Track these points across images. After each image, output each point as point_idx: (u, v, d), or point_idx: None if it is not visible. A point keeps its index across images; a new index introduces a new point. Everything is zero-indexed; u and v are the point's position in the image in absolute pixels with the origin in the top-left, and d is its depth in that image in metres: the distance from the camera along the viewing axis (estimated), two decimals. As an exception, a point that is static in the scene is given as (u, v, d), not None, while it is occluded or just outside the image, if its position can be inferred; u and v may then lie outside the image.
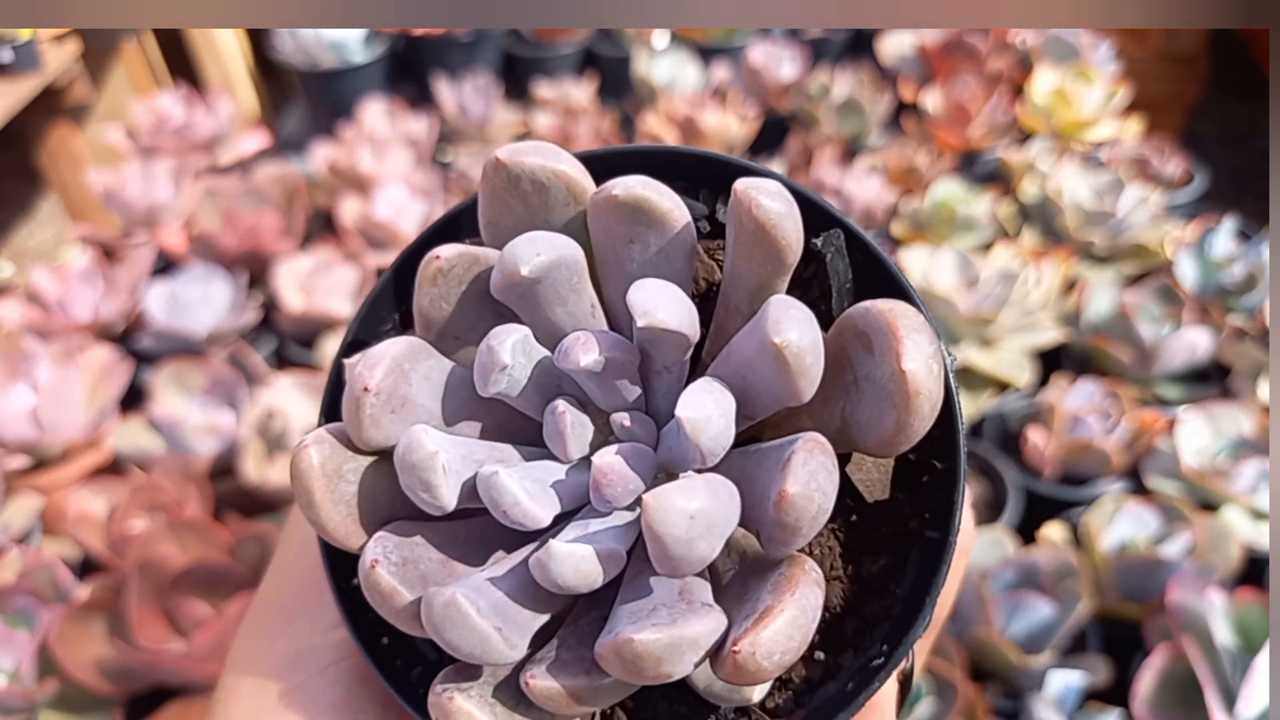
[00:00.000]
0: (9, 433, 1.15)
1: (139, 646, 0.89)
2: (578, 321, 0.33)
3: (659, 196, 0.32)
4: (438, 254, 0.32)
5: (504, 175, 0.33)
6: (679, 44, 1.99)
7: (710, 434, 0.28)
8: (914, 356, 0.28)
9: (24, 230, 2.30)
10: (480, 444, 0.32)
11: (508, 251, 0.31)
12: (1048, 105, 1.77)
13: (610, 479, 0.29)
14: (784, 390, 0.28)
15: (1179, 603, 0.95)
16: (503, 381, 0.31)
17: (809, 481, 0.27)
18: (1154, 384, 1.31)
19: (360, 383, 0.30)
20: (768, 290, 0.31)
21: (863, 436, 0.30)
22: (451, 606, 0.28)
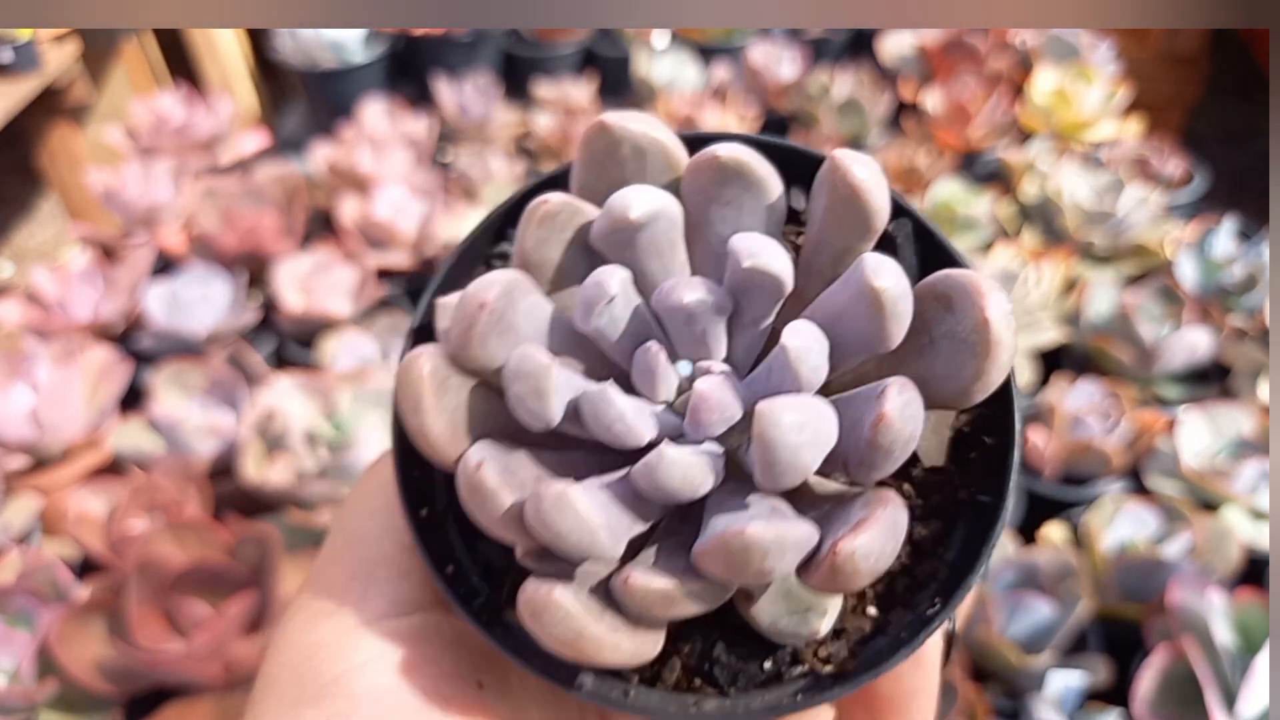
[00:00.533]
0: (9, 433, 1.15)
1: (139, 646, 0.89)
2: (669, 273, 0.35)
3: (759, 162, 0.34)
4: (546, 199, 0.34)
5: (606, 139, 0.35)
6: (679, 44, 1.99)
7: (811, 363, 0.30)
8: (996, 309, 0.30)
9: (24, 230, 2.30)
10: (578, 374, 0.33)
11: (616, 198, 0.33)
12: (1048, 105, 1.77)
13: (710, 403, 0.31)
14: (875, 335, 0.30)
15: (1179, 603, 0.95)
16: (605, 316, 0.32)
17: (904, 408, 0.29)
18: (1154, 384, 1.31)
19: (476, 300, 0.31)
20: (853, 254, 0.33)
21: (939, 389, 0.32)
22: (564, 499, 0.29)
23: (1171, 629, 0.96)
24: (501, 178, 1.64)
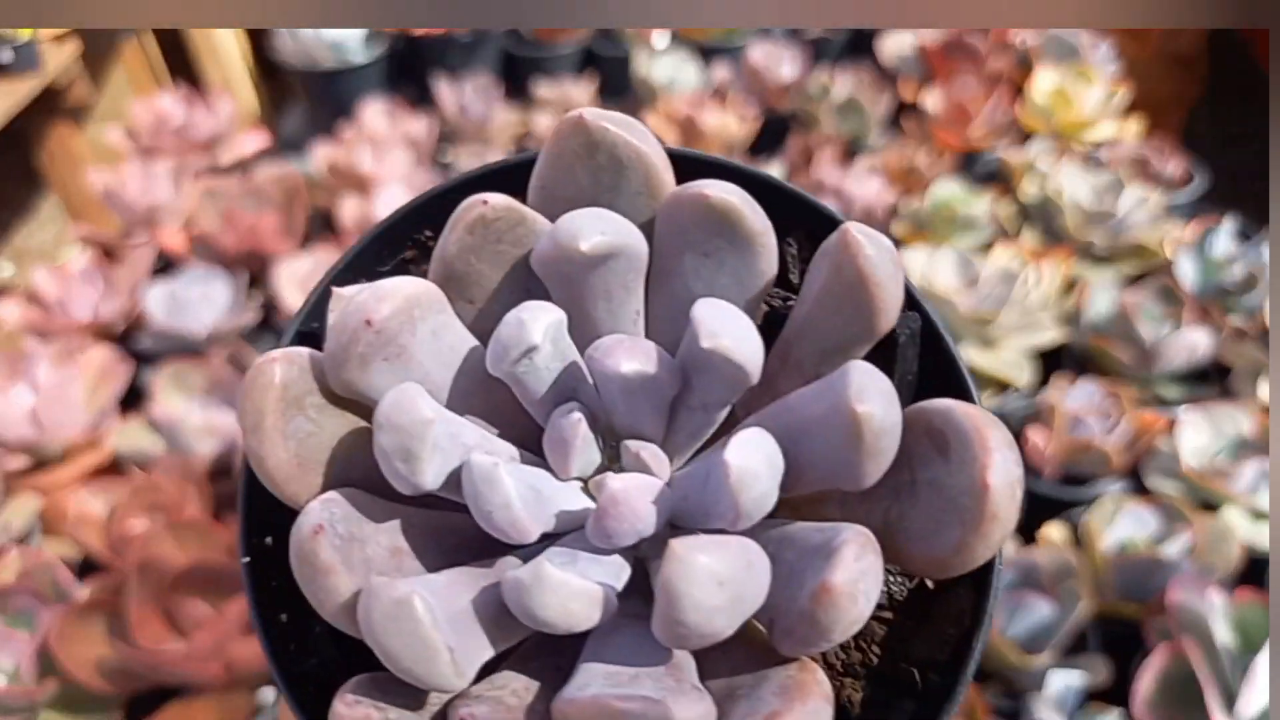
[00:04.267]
0: (9, 433, 1.15)
1: (139, 646, 0.89)
2: (617, 323, 0.29)
3: (754, 214, 0.28)
4: (485, 199, 0.28)
5: (581, 139, 0.29)
6: (679, 44, 1.99)
7: (755, 492, 0.24)
8: (1000, 473, 0.24)
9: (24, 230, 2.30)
10: (471, 427, 0.27)
11: (568, 221, 0.27)
12: (1048, 105, 1.77)
13: (620, 510, 0.25)
14: (845, 468, 0.25)
15: (1179, 603, 0.95)
16: (522, 365, 0.26)
17: (857, 581, 0.23)
18: (1154, 384, 1.31)
19: (362, 314, 0.26)
20: (844, 354, 0.28)
21: (909, 547, 0.26)
22: (403, 607, 0.23)
23: (1171, 629, 0.96)
24: (501, 178, 1.64)
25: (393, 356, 0.26)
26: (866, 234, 0.27)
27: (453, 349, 0.28)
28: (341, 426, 0.28)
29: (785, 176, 1.59)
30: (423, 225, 0.35)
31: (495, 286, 0.30)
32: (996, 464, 0.25)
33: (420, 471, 0.25)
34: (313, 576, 0.25)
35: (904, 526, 0.27)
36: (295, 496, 0.27)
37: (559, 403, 0.28)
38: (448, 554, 0.28)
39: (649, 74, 1.87)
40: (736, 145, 1.74)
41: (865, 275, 0.26)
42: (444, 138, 1.81)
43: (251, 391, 0.26)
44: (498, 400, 0.29)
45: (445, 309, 0.28)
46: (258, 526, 0.31)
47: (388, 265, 0.35)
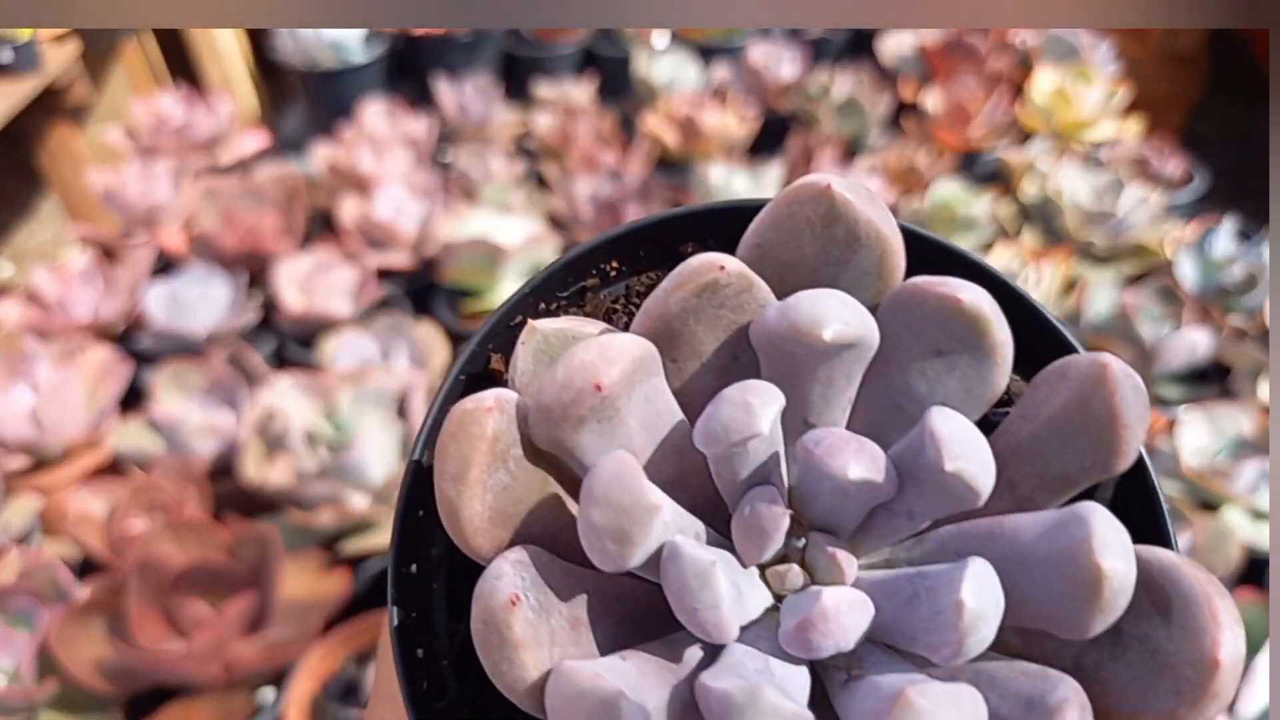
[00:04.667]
0: (9, 433, 1.15)
1: (139, 646, 0.89)
2: (829, 410, 0.27)
3: (1001, 325, 0.27)
4: (722, 264, 0.27)
5: (821, 208, 0.27)
6: (679, 44, 1.99)
7: (981, 635, 0.22)
8: (1231, 651, 0.23)
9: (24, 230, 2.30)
10: (669, 502, 0.25)
11: (808, 304, 0.25)
12: (1048, 105, 1.77)
13: (830, 627, 0.24)
14: (1069, 617, 0.23)
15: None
16: (740, 450, 0.25)
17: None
18: (1154, 384, 1.31)
19: (591, 377, 0.24)
20: (1067, 484, 0.27)
21: (1109, 699, 0.25)
22: (610, 711, 0.21)
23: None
24: (501, 177, 1.64)
25: (605, 419, 0.25)
26: (1126, 372, 0.25)
27: (659, 414, 0.27)
28: (535, 479, 0.27)
29: (785, 177, 1.59)
30: (612, 256, 0.35)
31: (705, 349, 0.28)
32: (1228, 641, 0.23)
33: (631, 556, 0.23)
34: (500, 649, 0.23)
35: (1101, 677, 0.25)
36: (480, 549, 0.26)
37: (753, 484, 0.26)
38: (624, 625, 0.27)
39: (649, 74, 1.87)
40: (736, 145, 1.74)
41: (1117, 415, 0.25)
42: (444, 138, 1.81)
43: (460, 438, 0.25)
44: (686, 469, 0.27)
45: (659, 372, 0.27)
46: (408, 554, 0.30)
47: (568, 291, 0.35)
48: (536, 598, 0.24)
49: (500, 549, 0.25)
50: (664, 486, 0.25)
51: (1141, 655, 0.24)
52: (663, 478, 0.26)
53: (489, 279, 1.43)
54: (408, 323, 1.33)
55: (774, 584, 0.26)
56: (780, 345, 0.26)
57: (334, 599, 1.00)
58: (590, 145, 1.66)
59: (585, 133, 1.71)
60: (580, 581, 0.26)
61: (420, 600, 0.30)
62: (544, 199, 1.63)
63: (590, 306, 0.35)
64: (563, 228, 1.57)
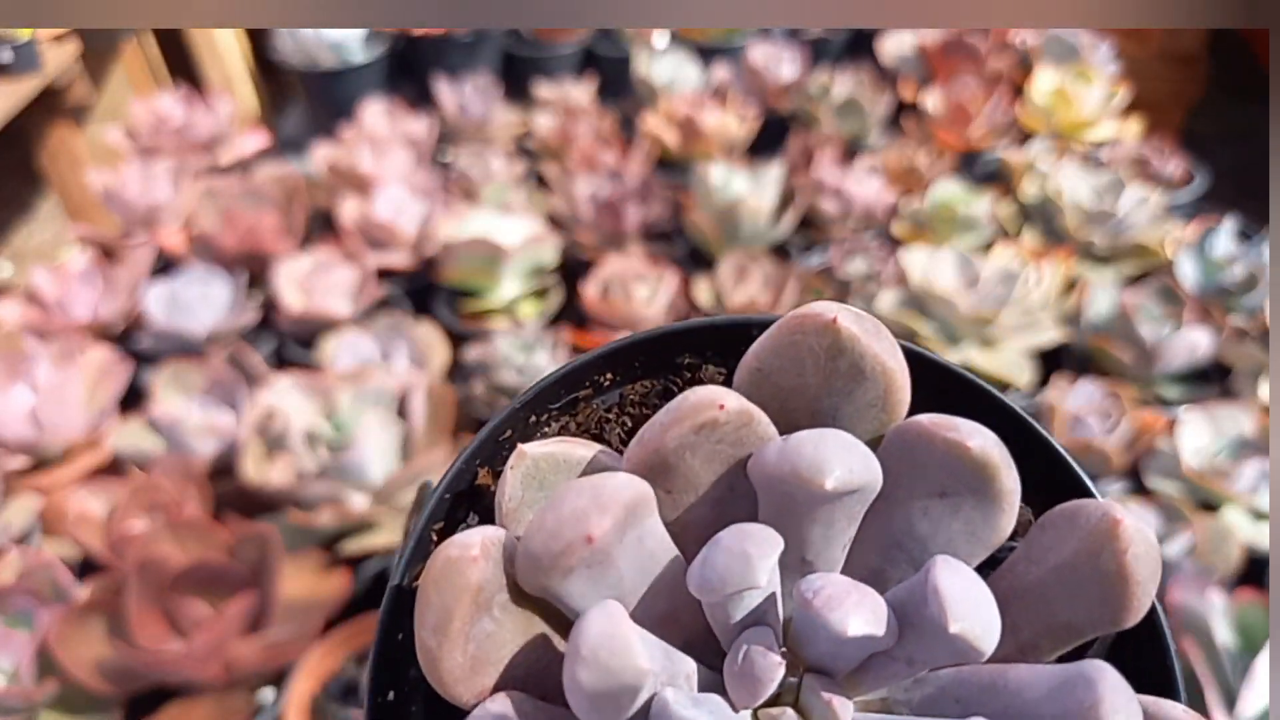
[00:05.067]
0: (9, 433, 1.15)
1: (139, 646, 0.89)
2: (828, 550, 0.27)
3: (1010, 472, 0.26)
4: (723, 403, 0.26)
5: (826, 340, 0.27)
6: (679, 44, 1.99)
7: None
8: None
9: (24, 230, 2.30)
10: (659, 645, 0.25)
11: (811, 447, 0.25)
12: (1048, 105, 1.77)
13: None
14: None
15: (1179, 603, 0.95)
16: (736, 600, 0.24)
17: None
18: (1154, 384, 1.31)
19: (583, 527, 0.24)
20: (1071, 634, 0.26)
21: None
22: None
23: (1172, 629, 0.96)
24: (501, 178, 1.64)
25: (596, 565, 0.24)
26: (1139, 530, 0.25)
27: (653, 555, 0.26)
28: (520, 624, 0.26)
29: (785, 177, 1.59)
30: (606, 369, 0.34)
31: (701, 481, 0.27)
32: None
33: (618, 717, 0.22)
34: None
35: None
36: (460, 697, 0.25)
37: (747, 625, 0.25)
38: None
39: (649, 74, 1.87)
40: (736, 145, 1.74)
41: (1129, 574, 0.25)
42: (444, 138, 1.81)
43: (443, 587, 0.24)
44: (678, 605, 0.27)
45: (653, 513, 0.26)
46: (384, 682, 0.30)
47: (560, 402, 0.34)
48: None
49: (482, 695, 0.25)
50: (655, 624, 0.25)
51: None
52: (654, 615, 0.26)
53: (489, 279, 1.43)
54: (408, 323, 1.33)
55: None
56: (779, 486, 0.25)
57: (334, 599, 1.00)
58: (590, 145, 1.66)
59: (585, 133, 1.71)
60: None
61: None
62: (544, 199, 1.63)
63: (582, 416, 0.34)
64: (563, 228, 1.57)
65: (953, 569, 0.23)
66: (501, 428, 0.32)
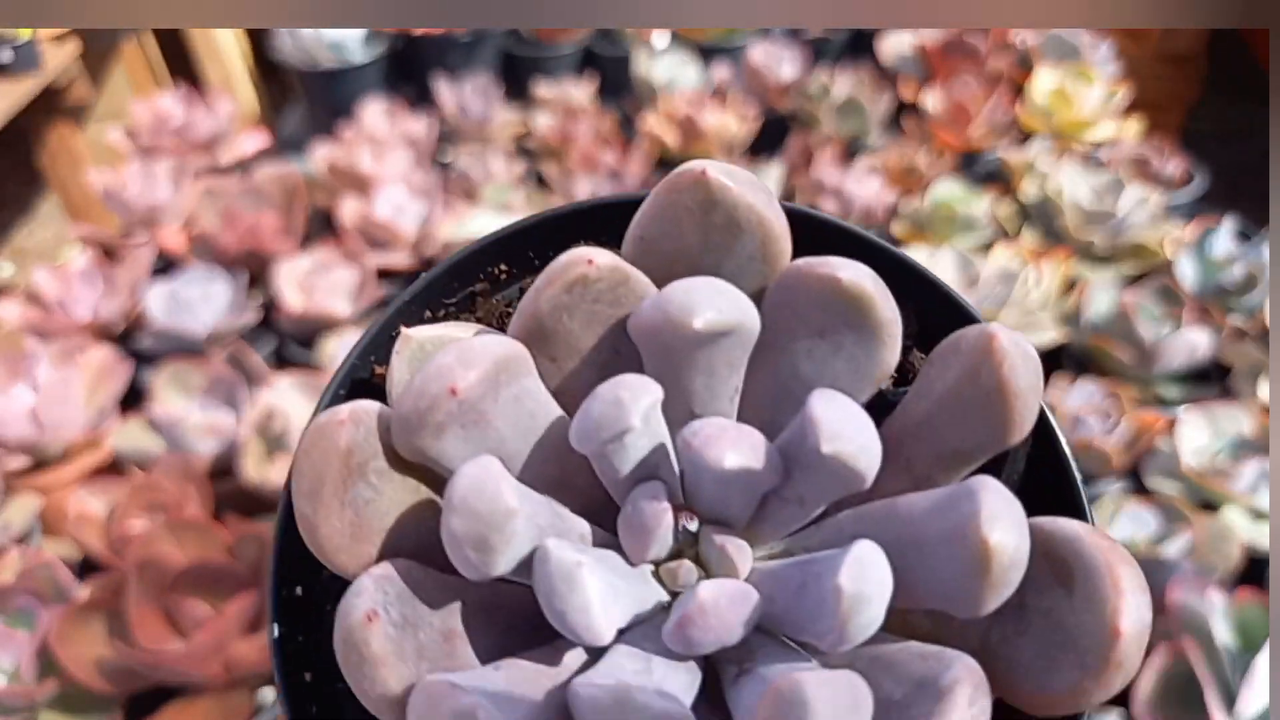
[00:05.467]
0: (9, 433, 1.15)
1: (139, 646, 0.89)
2: (714, 400, 0.27)
3: (886, 302, 0.26)
4: (591, 259, 0.26)
5: (698, 195, 0.27)
6: (679, 44, 1.99)
7: (864, 619, 0.22)
8: (1133, 620, 0.23)
9: (24, 230, 2.30)
10: (545, 504, 0.25)
11: (681, 293, 0.25)
12: (1048, 105, 1.77)
13: (708, 621, 0.23)
14: (962, 595, 0.23)
15: (1179, 603, 0.95)
16: (614, 444, 0.24)
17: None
18: (1154, 384, 1.31)
19: (446, 380, 0.24)
20: (962, 461, 0.26)
21: (1012, 679, 0.24)
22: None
23: (1171, 629, 0.96)
24: (501, 178, 1.64)
25: (470, 424, 0.24)
26: (1014, 341, 0.25)
27: (533, 415, 0.26)
28: (401, 491, 0.26)
29: (785, 176, 1.59)
30: (499, 259, 0.34)
31: (583, 346, 0.27)
32: (1130, 609, 0.23)
33: (493, 564, 0.23)
34: (360, 666, 0.23)
35: (1006, 654, 0.25)
36: (344, 567, 0.25)
37: (639, 480, 0.26)
38: (503, 634, 0.26)
39: (649, 74, 1.87)
40: (736, 145, 1.74)
41: (1006, 386, 0.24)
42: (444, 138, 1.81)
43: (313, 453, 0.24)
44: (571, 468, 0.26)
45: (530, 372, 0.26)
46: (289, 576, 0.29)
47: (455, 298, 0.34)
48: (400, 612, 0.23)
49: (367, 565, 0.24)
50: (546, 489, 0.25)
51: (1045, 629, 0.24)
52: (545, 480, 0.26)
53: (489, 279, 1.43)
54: (408, 323, 1.33)
55: (668, 581, 0.26)
56: (656, 337, 0.25)
57: (334, 599, 1.00)
58: (590, 145, 1.66)
59: (585, 133, 1.71)
60: (456, 593, 0.25)
61: (308, 623, 0.29)
62: (544, 199, 1.63)
63: (482, 312, 0.34)
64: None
65: (829, 398, 0.23)
66: (393, 323, 0.32)
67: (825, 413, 0.23)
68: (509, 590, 0.26)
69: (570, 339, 0.27)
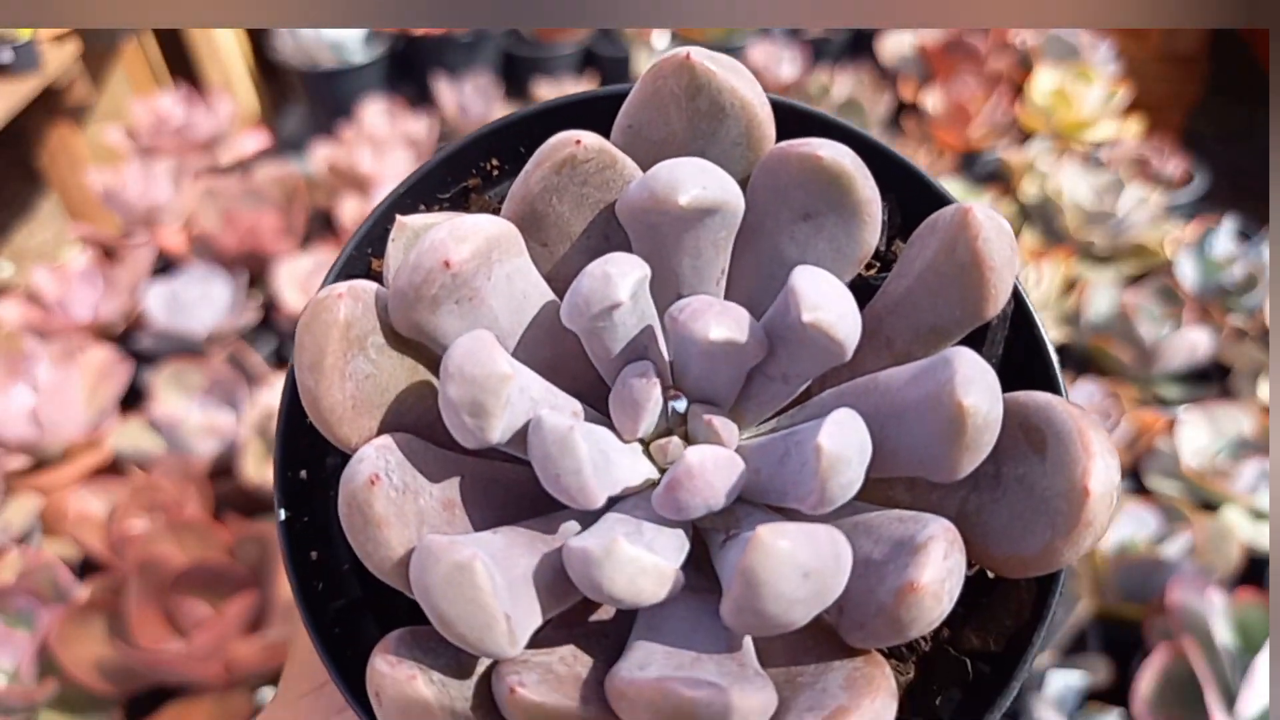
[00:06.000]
0: (9, 433, 1.15)
1: (139, 646, 0.89)
2: (701, 281, 0.27)
3: (865, 181, 0.26)
4: (578, 138, 0.27)
5: (683, 80, 0.27)
6: (679, 44, 1.99)
7: (844, 479, 0.22)
8: (1102, 480, 0.23)
9: (24, 230, 2.30)
10: (539, 380, 0.25)
11: (666, 171, 0.25)
12: (1048, 105, 1.77)
13: (695, 484, 0.24)
14: (937, 459, 0.23)
15: (1179, 603, 0.95)
16: (601, 319, 0.25)
17: (944, 580, 0.22)
18: (1154, 384, 1.31)
19: (440, 254, 0.24)
20: (941, 336, 0.27)
21: (989, 543, 0.25)
22: (464, 572, 0.22)
23: (1171, 629, 0.96)
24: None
25: (464, 300, 0.25)
26: (988, 215, 0.25)
27: (525, 295, 0.26)
28: (400, 368, 0.26)
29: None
30: (491, 153, 0.34)
31: (574, 230, 0.28)
32: (1098, 470, 0.23)
33: (489, 428, 0.23)
34: (364, 528, 0.24)
35: (983, 520, 0.25)
36: (346, 439, 0.25)
37: (630, 360, 0.26)
38: (501, 508, 0.27)
39: (649, 74, 1.87)
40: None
41: (981, 259, 0.25)
42: (444, 137, 1.81)
43: (313, 326, 0.25)
44: (564, 351, 0.27)
45: (522, 252, 0.26)
46: (294, 459, 0.30)
47: (449, 192, 0.34)
48: (402, 479, 0.24)
49: (368, 438, 0.25)
50: (540, 370, 0.26)
51: (1020, 495, 0.25)
52: (539, 362, 0.26)
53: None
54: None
55: (658, 458, 0.26)
56: (643, 218, 0.26)
57: (334, 599, 1.00)
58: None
59: (585, 133, 1.70)
60: (457, 466, 0.26)
61: (314, 506, 0.30)
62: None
63: (475, 208, 0.34)
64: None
65: (810, 273, 0.24)
66: (389, 215, 0.32)
67: (806, 285, 0.24)
68: (507, 468, 0.26)
69: (561, 223, 0.27)
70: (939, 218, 0.26)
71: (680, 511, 0.24)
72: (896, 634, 0.23)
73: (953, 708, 0.27)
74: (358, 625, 0.26)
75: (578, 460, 0.23)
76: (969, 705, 0.27)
